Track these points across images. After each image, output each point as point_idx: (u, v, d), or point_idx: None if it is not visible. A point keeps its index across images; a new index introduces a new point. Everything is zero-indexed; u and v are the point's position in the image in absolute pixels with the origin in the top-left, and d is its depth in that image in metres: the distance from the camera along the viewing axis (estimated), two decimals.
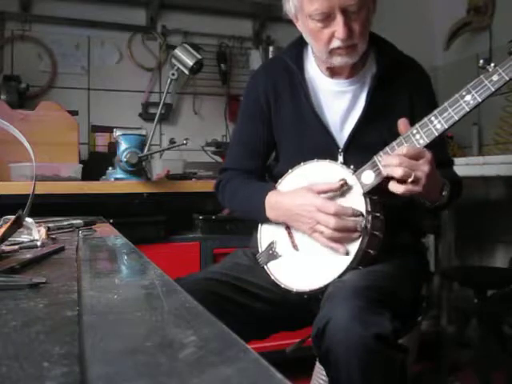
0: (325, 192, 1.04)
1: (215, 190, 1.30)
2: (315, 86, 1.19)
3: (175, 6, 2.58)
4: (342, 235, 1.00)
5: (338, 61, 1.09)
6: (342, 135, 1.15)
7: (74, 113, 2.09)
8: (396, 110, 1.13)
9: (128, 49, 2.55)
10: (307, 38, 1.13)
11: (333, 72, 1.17)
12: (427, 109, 1.05)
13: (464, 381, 2.07)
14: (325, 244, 1.03)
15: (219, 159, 2.44)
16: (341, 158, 1.13)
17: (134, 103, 2.54)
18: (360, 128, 1.13)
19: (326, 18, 1.03)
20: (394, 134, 1.07)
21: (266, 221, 1.14)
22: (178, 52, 2.07)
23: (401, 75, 1.16)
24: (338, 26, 1.02)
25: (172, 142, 2.55)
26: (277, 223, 1.13)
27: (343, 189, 1.04)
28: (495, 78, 0.92)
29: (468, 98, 0.94)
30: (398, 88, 1.16)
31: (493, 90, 0.92)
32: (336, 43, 1.05)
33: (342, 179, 1.03)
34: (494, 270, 2.44)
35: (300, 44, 1.21)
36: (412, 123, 1.06)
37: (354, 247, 1.00)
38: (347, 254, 1.01)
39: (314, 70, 1.20)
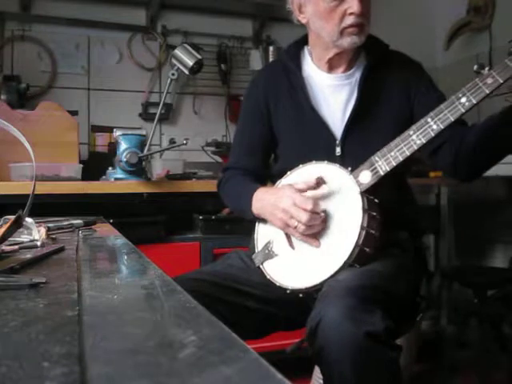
0: (304, 190, 1.06)
1: (217, 188, 1.34)
2: (313, 83, 1.22)
3: (175, 5, 2.58)
4: (313, 232, 1.04)
5: (347, 41, 1.12)
6: (341, 128, 1.17)
7: (74, 113, 2.08)
8: (390, 100, 1.17)
9: (128, 49, 2.54)
10: (316, 23, 1.15)
11: (331, 66, 1.20)
12: (429, 93, 1.13)
13: (464, 381, 2.07)
14: (299, 238, 1.06)
15: (219, 159, 2.43)
16: (338, 150, 1.15)
17: (134, 103, 2.54)
18: (356, 119, 1.15)
19: None
20: (389, 124, 1.12)
21: (253, 216, 1.16)
22: (177, 52, 2.07)
23: (391, 65, 1.20)
24: (353, 2, 1.07)
25: (172, 142, 2.54)
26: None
27: (321, 185, 1.06)
28: (489, 80, 0.96)
29: (463, 99, 0.98)
30: (389, 77, 1.18)
31: (487, 92, 0.95)
32: (349, 20, 1.09)
33: (319, 177, 1.05)
34: (493, 270, 2.44)
35: (297, 46, 1.26)
36: (409, 111, 1.14)
37: (350, 243, 1.00)
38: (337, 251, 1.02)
39: (311, 69, 1.24)
